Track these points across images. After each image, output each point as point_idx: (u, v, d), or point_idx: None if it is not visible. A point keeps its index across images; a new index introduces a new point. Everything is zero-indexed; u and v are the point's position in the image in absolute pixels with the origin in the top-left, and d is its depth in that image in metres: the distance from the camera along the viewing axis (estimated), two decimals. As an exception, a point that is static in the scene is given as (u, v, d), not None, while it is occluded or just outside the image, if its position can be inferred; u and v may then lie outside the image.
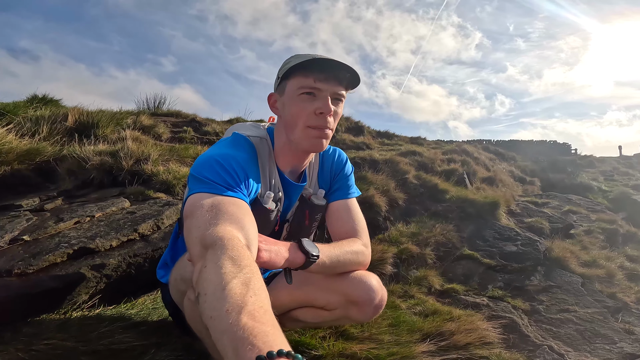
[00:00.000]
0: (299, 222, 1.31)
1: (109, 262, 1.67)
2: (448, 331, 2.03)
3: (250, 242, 0.82)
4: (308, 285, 1.23)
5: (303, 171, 1.27)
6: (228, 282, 0.61)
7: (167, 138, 4.32)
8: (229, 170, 0.97)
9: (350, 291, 1.17)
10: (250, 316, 0.55)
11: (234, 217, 0.84)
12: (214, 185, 0.92)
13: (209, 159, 0.98)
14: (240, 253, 0.70)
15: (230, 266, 0.65)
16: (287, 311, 1.35)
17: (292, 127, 1.09)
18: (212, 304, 0.59)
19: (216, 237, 0.74)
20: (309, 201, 1.28)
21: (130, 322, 1.62)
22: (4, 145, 2.87)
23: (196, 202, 0.88)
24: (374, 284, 1.18)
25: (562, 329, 2.37)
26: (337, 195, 1.31)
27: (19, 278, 1.52)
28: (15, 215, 2.16)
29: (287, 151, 1.17)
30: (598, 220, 5.07)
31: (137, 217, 2.08)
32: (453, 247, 3.37)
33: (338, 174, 1.34)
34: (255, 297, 0.60)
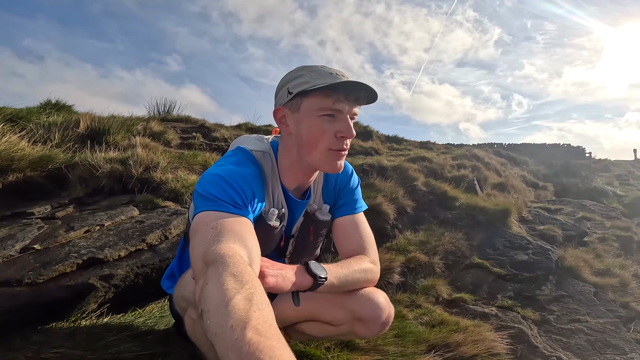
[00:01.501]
0: (304, 238, 1.30)
1: (117, 273, 1.69)
2: (455, 342, 2.01)
3: (253, 260, 0.81)
4: (314, 301, 1.23)
5: (308, 188, 1.26)
6: (231, 298, 0.61)
7: (176, 144, 4.36)
8: (235, 187, 0.96)
9: (357, 308, 1.16)
10: (255, 331, 0.55)
11: (237, 235, 0.83)
12: (220, 203, 0.92)
13: (214, 176, 0.97)
14: (242, 269, 0.70)
15: (233, 282, 0.65)
16: (293, 324, 1.35)
17: (311, 148, 1.07)
18: (216, 320, 0.59)
19: (218, 255, 0.74)
20: (313, 217, 1.27)
21: (138, 332, 1.64)
22: (16, 152, 2.93)
23: (201, 220, 0.88)
24: (381, 301, 1.17)
25: (573, 339, 2.33)
26: (343, 211, 1.30)
27: (29, 288, 1.55)
28: (27, 223, 2.19)
29: (295, 168, 1.16)
30: (613, 227, 4.96)
31: (145, 226, 2.10)
32: (462, 255, 3.33)
33: (343, 189, 1.32)
34: (259, 312, 0.60)
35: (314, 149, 1.06)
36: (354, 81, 1.01)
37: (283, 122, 1.12)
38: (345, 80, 1.00)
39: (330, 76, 1.02)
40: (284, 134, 1.14)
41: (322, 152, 1.06)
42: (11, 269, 1.65)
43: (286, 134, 1.12)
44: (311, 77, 1.03)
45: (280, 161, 1.17)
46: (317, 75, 1.03)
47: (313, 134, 1.05)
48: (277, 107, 1.11)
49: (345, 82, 1.00)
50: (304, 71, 1.06)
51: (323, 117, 1.03)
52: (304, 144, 1.07)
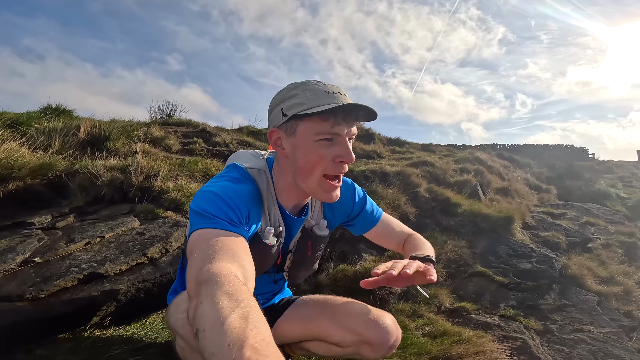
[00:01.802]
0: (302, 253, 1.29)
1: (118, 288, 1.69)
2: (456, 354, 2.01)
3: (247, 278, 0.80)
4: (322, 321, 1.23)
5: (306, 204, 1.24)
6: (227, 317, 0.60)
7: (177, 150, 4.36)
8: (230, 204, 0.94)
9: (365, 332, 1.15)
10: (253, 350, 0.54)
11: (232, 253, 0.82)
12: (216, 220, 0.90)
13: (209, 193, 0.96)
14: (237, 288, 0.68)
15: (227, 301, 0.64)
16: (298, 342, 1.34)
17: (307, 174, 1.02)
18: (212, 340, 0.58)
19: (211, 273, 0.72)
20: (311, 232, 1.26)
21: (140, 345, 1.63)
22: (16, 160, 2.92)
23: (197, 239, 0.87)
24: (390, 324, 1.17)
25: (575, 349, 2.32)
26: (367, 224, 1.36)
27: (30, 303, 1.55)
28: (27, 234, 2.18)
29: (292, 190, 1.13)
30: (617, 232, 4.94)
31: (146, 239, 2.09)
32: (465, 263, 3.31)
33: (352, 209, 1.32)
34: (255, 330, 0.58)
35: (309, 174, 1.02)
36: (353, 103, 0.97)
37: (278, 145, 1.06)
38: (344, 104, 0.95)
39: (327, 95, 0.97)
40: (280, 156, 1.10)
41: (317, 180, 1.02)
42: (12, 283, 1.64)
43: (282, 156, 1.08)
44: (306, 97, 0.97)
45: (276, 181, 1.14)
46: (312, 95, 0.97)
47: (310, 159, 1.00)
48: (271, 129, 1.06)
49: (344, 105, 0.95)
50: (298, 90, 1.00)
51: (321, 142, 0.98)
52: (300, 169, 1.03)
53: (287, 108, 1.00)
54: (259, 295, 1.41)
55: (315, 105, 0.96)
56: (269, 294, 1.43)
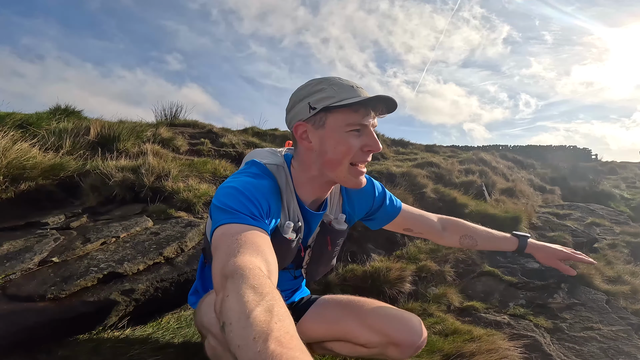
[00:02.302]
0: (321, 248, 1.30)
1: (137, 287, 1.71)
2: (469, 352, 2.01)
3: (271, 272, 0.82)
4: (348, 322, 1.23)
5: (325, 199, 1.26)
6: (252, 310, 0.61)
7: (185, 150, 4.38)
8: (252, 199, 0.96)
9: (394, 333, 1.16)
10: (277, 342, 0.55)
11: (255, 247, 0.83)
12: (238, 215, 0.92)
13: (231, 189, 0.97)
14: (261, 282, 0.70)
15: (252, 294, 0.65)
16: (321, 342, 1.35)
17: (336, 164, 1.05)
18: (238, 332, 0.59)
19: (236, 267, 0.74)
20: (329, 227, 1.27)
21: (158, 345, 1.65)
22: (28, 161, 2.95)
23: (220, 235, 0.89)
24: (417, 325, 1.18)
25: (586, 347, 2.33)
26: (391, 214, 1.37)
27: (52, 303, 1.57)
28: (43, 234, 2.21)
29: (314, 184, 1.15)
30: (622, 233, 4.94)
31: (161, 238, 2.12)
32: (473, 263, 3.32)
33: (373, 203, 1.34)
34: (280, 323, 0.60)
35: (339, 165, 1.05)
36: (380, 95, 1.01)
37: (304, 138, 1.08)
38: (376, 95, 1.00)
39: (352, 90, 1.01)
40: (302, 150, 1.11)
41: (347, 168, 1.06)
42: (32, 284, 1.67)
43: (306, 149, 1.10)
44: (334, 91, 1.01)
45: (297, 175, 1.16)
46: (339, 89, 1.01)
47: (340, 150, 1.03)
48: (297, 123, 1.08)
49: (374, 97, 1.00)
50: (324, 84, 1.03)
51: (350, 133, 1.02)
52: (329, 160, 1.06)
53: (316, 101, 1.03)
54: (280, 292, 1.43)
55: (345, 98, 1.00)
56: (288, 290, 1.44)
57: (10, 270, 1.76)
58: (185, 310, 2.11)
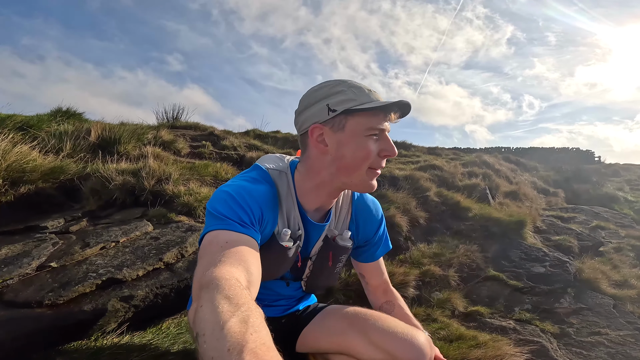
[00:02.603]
0: (322, 262, 1.27)
1: (136, 294, 1.68)
2: (474, 358, 1.98)
3: (251, 282, 0.79)
4: (350, 336, 1.17)
5: (328, 210, 1.22)
6: (227, 321, 0.58)
7: (186, 153, 4.36)
8: (243, 205, 0.94)
9: (397, 352, 1.09)
10: (253, 354, 0.53)
11: (238, 257, 0.81)
12: (227, 221, 0.90)
13: (224, 194, 0.96)
14: (237, 292, 0.68)
15: (227, 305, 0.63)
16: (323, 353, 1.31)
17: (354, 169, 1.02)
18: (212, 344, 0.57)
19: (213, 277, 0.72)
20: (333, 242, 1.23)
21: (158, 352, 1.62)
22: (28, 164, 2.93)
23: (208, 242, 0.87)
24: (424, 344, 1.11)
25: (593, 352, 2.29)
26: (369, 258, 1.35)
27: (50, 309, 1.54)
28: (41, 238, 2.18)
29: (322, 190, 1.11)
30: (627, 236, 4.90)
31: (161, 243, 2.08)
32: (477, 268, 3.28)
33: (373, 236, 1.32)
34: (255, 334, 0.57)
35: (357, 170, 1.02)
36: (401, 101, 0.99)
37: (320, 141, 1.03)
38: (397, 101, 0.99)
39: (370, 93, 1.00)
40: (315, 154, 1.06)
41: (365, 172, 1.03)
42: (29, 289, 1.64)
43: (320, 153, 1.05)
44: (354, 93, 0.99)
45: (302, 182, 1.12)
46: (359, 92, 0.99)
47: (359, 154, 1.00)
48: (314, 125, 1.02)
49: (396, 103, 0.99)
50: (342, 86, 1.01)
51: (369, 137, 1.00)
52: (346, 165, 1.02)
53: (336, 104, 0.99)
54: (281, 300, 1.38)
55: (365, 102, 0.98)
56: (293, 299, 1.41)
57: (7, 275, 1.73)
58: (185, 316, 2.08)
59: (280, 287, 1.32)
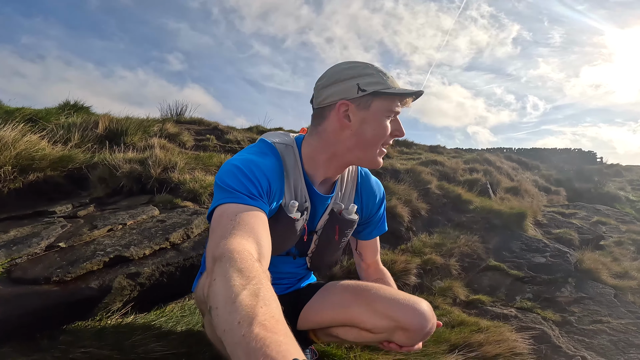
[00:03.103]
0: (328, 236, 1.29)
1: (143, 271, 1.71)
2: (476, 342, 1.99)
3: (262, 255, 0.82)
4: (355, 307, 1.19)
5: (334, 183, 1.25)
6: (238, 294, 0.61)
7: (191, 146, 4.41)
8: (251, 177, 0.96)
9: (402, 318, 1.12)
10: (262, 327, 0.55)
11: (248, 229, 0.84)
12: (235, 194, 0.92)
13: (231, 166, 0.98)
14: (248, 265, 0.70)
15: (238, 278, 0.65)
16: (325, 327, 1.31)
17: (371, 146, 1.10)
18: (223, 317, 0.60)
19: (225, 250, 0.74)
20: (339, 216, 1.25)
21: (161, 331, 1.64)
22: (37, 152, 2.98)
23: (218, 215, 0.90)
24: (427, 310, 1.14)
25: (595, 339, 2.32)
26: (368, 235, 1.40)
27: (57, 285, 1.56)
28: (50, 221, 2.22)
29: (332, 163, 1.15)
30: (628, 231, 4.91)
31: (167, 225, 2.12)
32: (478, 258, 3.31)
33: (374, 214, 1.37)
34: (265, 307, 0.60)
35: (373, 146, 1.10)
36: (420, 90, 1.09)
37: (345, 116, 1.07)
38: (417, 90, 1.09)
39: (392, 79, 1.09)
40: (335, 128, 1.09)
41: (378, 150, 1.11)
42: (38, 267, 1.67)
43: (340, 127, 1.08)
44: (381, 78, 1.07)
45: (311, 154, 1.15)
46: (385, 77, 1.08)
47: (379, 132, 1.08)
48: (341, 101, 1.06)
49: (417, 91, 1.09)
50: (371, 70, 1.08)
51: (388, 118, 1.09)
52: (365, 141, 1.09)
53: (366, 84, 1.05)
54: (284, 279, 1.40)
55: (391, 87, 1.07)
56: (294, 278, 1.43)
57: (16, 254, 1.76)
58: (190, 300, 2.11)
59: (285, 263, 1.34)
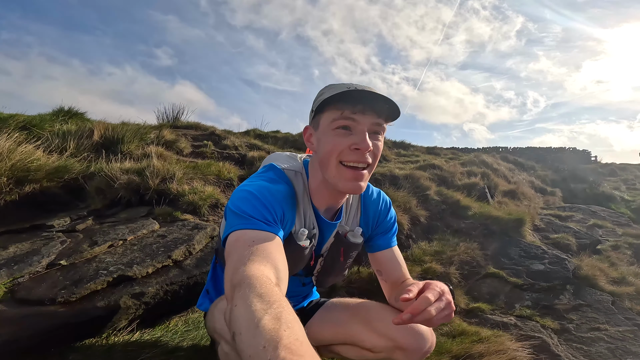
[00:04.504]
0: (333, 258, 1.29)
1: (147, 291, 1.70)
2: (477, 353, 2.01)
3: (280, 279, 0.82)
4: (354, 326, 1.22)
5: (339, 209, 1.25)
6: (260, 319, 0.61)
7: (188, 152, 4.38)
8: (266, 204, 0.96)
9: (400, 338, 1.14)
10: (287, 350, 0.55)
11: (266, 255, 0.84)
12: (251, 220, 0.92)
13: (246, 193, 0.98)
14: (268, 289, 0.70)
15: (259, 303, 0.65)
16: (328, 345, 1.34)
17: (326, 164, 1.04)
18: (248, 342, 0.59)
19: (244, 276, 0.74)
20: (345, 239, 1.26)
21: (168, 348, 1.65)
22: (32, 163, 2.94)
23: (234, 241, 0.89)
24: (425, 331, 1.15)
25: (594, 347, 2.34)
26: (382, 244, 1.30)
27: (63, 306, 1.56)
28: (49, 237, 2.20)
29: (323, 189, 1.14)
30: (624, 234, 4.96)
31: (168, 241, 2.11)
32: (477, 265, 3.32)
33: (382, 221, 1.32)
34: (289, 330, 0.59)
35: (327, 164, 1.03)
36: (366, 89, 0.96)
37: (310, 142, 1.11)
38: (354, 89, 0.96)
39: (343, 87, 0.98)
40: (312, 154, 1.15)
41: (335, 167, 1.03)
42: (41, 287, 1.66)
43: (313, 152, 1.13)
44: (329, 92, 1.00)
45: (310, 181, 1.16)
46: (333, 90, 0.99)
47: (327, 148, 1.02)
48: (305, 127, 1.13)
49: (356, 91, 0.96)
50: (325, 89, 1.05)
51: (337, 131, 1.00)
52: (321, 160, 1.05)
53: (314, 105, 1.06)
54: (291, 298, 1.41)
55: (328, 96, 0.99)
56: (299, 296, 1.43)
57: (18, 273, 1.75)
58: (193, 313, 2.10)
59: (292, 283, 1.36)
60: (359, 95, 0.97)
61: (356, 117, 0.99)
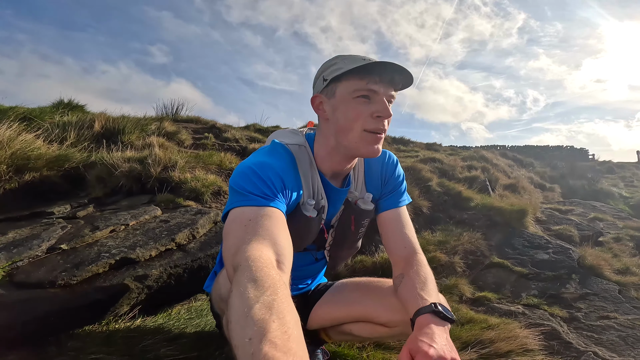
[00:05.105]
0: (344, 228, 1.27)
1: (151, 273, 1.66)
2: (488, 339, 1.98)
3: (282, 257, 0.79)
4: (368, 302, 1.19)
5: (347, 175, 1.23)
6: (251, 308, 0.59)
7: (189, 144, 4.35)
8: (265, 179, 0.95)
9: None
10: (271, 345, 0.53)
11: (265, 232, 0.82)
12: (250, 197, 0.91)
13: (245, 169, 0.97)
14: (264, 273, 0.68)
15: (253, 290, 0.63)
16: (337, 325, 1.31)
17: (347, 131, 1.05)
18: (236, 331, 0.58)
19: (242, 258, 0.72)
20: (355, 206, 1.23)
21: (171, 335, 1.61)
22: (33, 152, 2.90)
23: (233, 219, 0.88)
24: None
25: (604, 335, 2.32)
26: (388, 204, 1.23)
27: (63, 289, 1.51)
28: (49, 222, 2.16)
29: (334, 156, 1.13)
30: (625, 227, 4.96)
31: (171, 225, 2.07)
32: (482, 255, 3.31)
33: (389, 178, 1.27)
34: (278, 321, 0.57)
35: (350, 131, 1.05)
36: (385, 62, 1.01)
37: (320, 109, 1.12)
38: (376, 61, 1.01)
39: (361, 60, 1.02)
40: (321, 122, 1.14)
41: (359, 134, 1.04)
42: (41, 270, 1.61)
43: (323, 120, 1.12)
44: (344, 63, 1.04)
45: (318, 150, 1.15)
46: (349, 61, 1.03)
47: (349, 116, 1.04)
48: (314, 95, 1.12)
49: (377, 63, 1.01)
50: (337, 59, 1.07)
51: (358, 99, 1.03)
52: (341, 127, 1.06)
53: (328, 74, 1.07)
54: (298, 280, 1.38)
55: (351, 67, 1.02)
56: (309, 278, 1.41)
57: (17, 257, 1.71)
58: (196, 302, 2.07)
59: (303, 261, 1.32)
60: (379, 65, 1.01)
61: (376, 87, 1.02)
